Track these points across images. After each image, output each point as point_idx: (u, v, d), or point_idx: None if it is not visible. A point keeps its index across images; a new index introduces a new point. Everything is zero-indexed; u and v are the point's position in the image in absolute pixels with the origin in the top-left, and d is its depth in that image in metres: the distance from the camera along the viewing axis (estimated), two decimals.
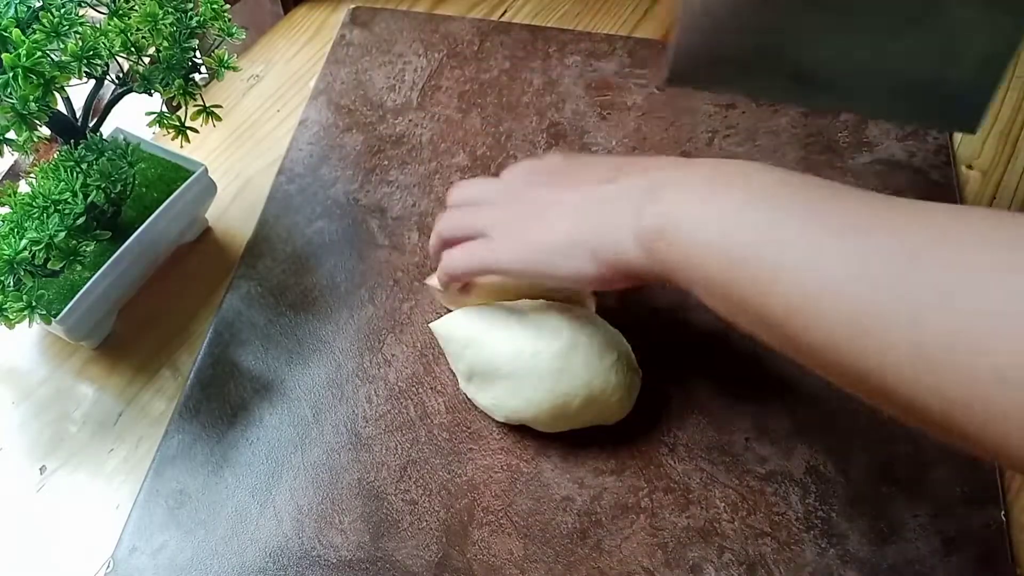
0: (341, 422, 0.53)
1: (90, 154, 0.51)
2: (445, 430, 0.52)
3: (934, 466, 0.50)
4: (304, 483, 0.51)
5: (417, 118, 0.67)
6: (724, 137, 0.65)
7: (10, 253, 0.44)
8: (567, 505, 0.50)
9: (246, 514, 0.50)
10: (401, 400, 0.54)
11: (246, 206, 0.64)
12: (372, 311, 0.57)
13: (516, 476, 0.51)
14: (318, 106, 0.69)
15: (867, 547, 0.48)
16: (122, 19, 0.48)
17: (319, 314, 0.57)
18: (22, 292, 0.46)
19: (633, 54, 0.71)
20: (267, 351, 0.56)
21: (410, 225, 0.62)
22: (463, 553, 0.48)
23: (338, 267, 0.60)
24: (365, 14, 0.75)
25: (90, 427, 0.54)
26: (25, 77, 0.43)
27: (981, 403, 0.29)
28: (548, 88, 0.69)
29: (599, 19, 0.76)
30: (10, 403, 0.55)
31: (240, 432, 0.53)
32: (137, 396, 0.56)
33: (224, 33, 0.51)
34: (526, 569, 0.48)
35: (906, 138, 0.65)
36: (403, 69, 0.71)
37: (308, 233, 0.61)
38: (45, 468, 0.53)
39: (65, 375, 0.57)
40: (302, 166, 0.65)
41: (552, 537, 0.49)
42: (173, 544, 0.49)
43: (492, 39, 0.73)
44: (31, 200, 0.47)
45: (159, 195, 0.57)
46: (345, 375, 0.55)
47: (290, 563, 0.48)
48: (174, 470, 0.51)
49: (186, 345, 0.57)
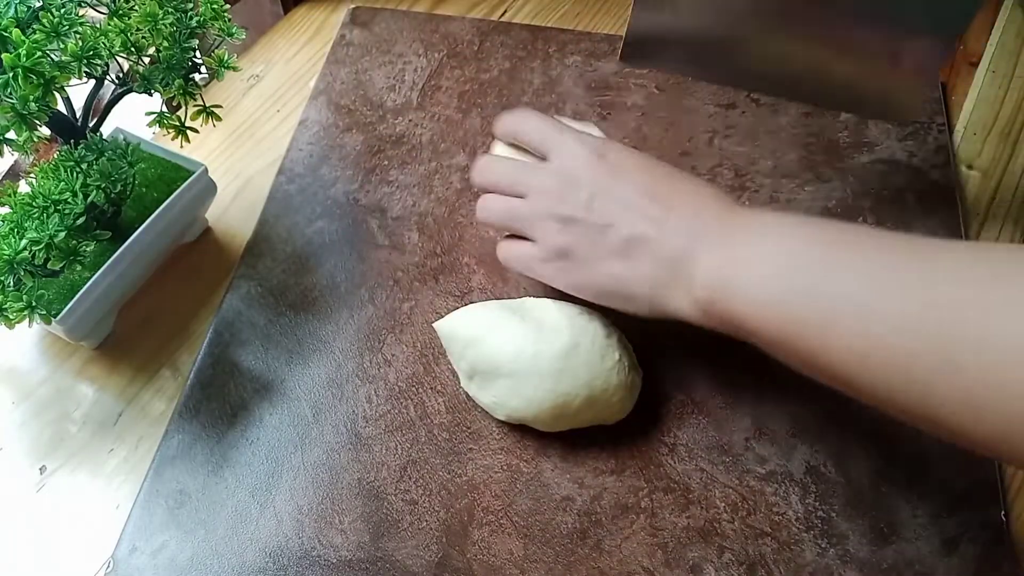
0: (341, 422, 0.53)
1: (90, 154, 0.51)
2: (445, 430, 0.52)
3: (934, 466, 0.50)
4: (304, 483, 0.51)
5: (417, 118, 0.67)
6: (724, 137, 0.65)
7: (10, 253, 0.44)
8: (567, 505, 0.50)
9: (246, 514, 0.50)
10: (401, 400, 0.54)
11: (246, 206, 0.64)
12: (372, 311, 0.57)
13: (516, 476, 0.51)
14: (318, 106, 0.69)
15: (867, 547, 0.48)
16: (122, 19, 0.48)
17: (319, 314, 0.57)
18: (22, 292, 0.46)
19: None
20: (267, 351, 0.56)
21: (410, 225, 0.62)
22: (463, 553, 0.48)
23: (338, 267, 0.60)
24: (365, 14, 0.75)
25: (90, 427, 0.54)
26: (25, 77, 0.43)
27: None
28: (548, 88, 0.69)
29: (599, 19, 0.76)
30: (10, 403, 0.55)
31: (240, 432, 0.53)
32: (137, 396, 0.56)
33: (224, 33, 0.51)
34: (526, 569, 0.48)
35: (906, 138, 0.65)
36: (403, 69, 0.71)
37: (308, 233, 0.61)
38: (45, 468, 0.53)
39: (65, 375, 0.57)
40: (302, 166, 0.65)
41: (552, 537, 0.49)
42: (173, 544, 0.49)
43: (492, 39, 0.73)
44: (31, 200, 0.47)
45: (159, 195, 0.57)
46: (345, 375, 0.55)
47: (290, 563, 0.48)
48: (174, 470, 0.51)
49: (186, 345, 0.57)
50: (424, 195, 0.63)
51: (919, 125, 0.66)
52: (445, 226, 0.62)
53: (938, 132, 0.66)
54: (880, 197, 0.62)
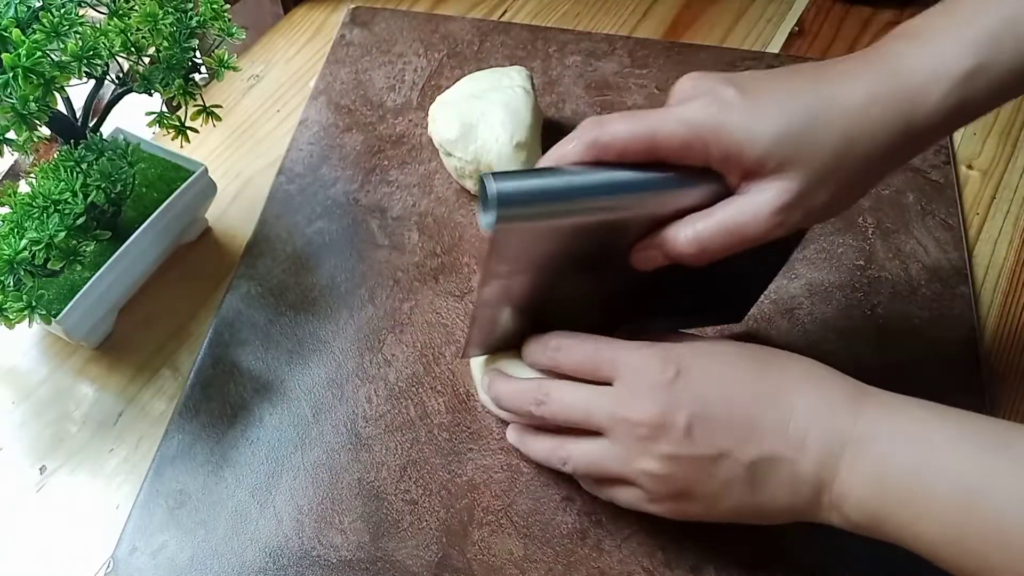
0: (341, 422, 0.53)
1: (90, 154, 0.51)
2: (445, 430, 0.52)
3: None
4: (304, 483, 0.51)
5: (417, 118, 0.67)
6: None
7: (10, 253, 0.44)
8: (567, 505, 0.50)
9: (246, 514, 0.50)
10: (401, 400, 0.54)
11: (246, 206, 0.64)
12: (372, 311, 0.57)
13: (516, 476, 0.51)
14: (318, 106, 0.69)
15: (867, 547, 0.48)
16: (122, 19, 0.48)
17: (319, 314, 0.57)
18: (22, 292, 0.46)
19: (633, 54, 0.71)
20: (267, 351, 0.56)
21: (410, 225, 0.62)
22: (463, 553, 0.48)
23: (338, 267, 0.60)
24: (365, 14, 0.75)
25: (90, 427, 0.54)
26: (25, 77, 0.43)
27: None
28: (548, 88, 0.69)
29: (599, 19, 0.76)
30: (10, 403, 0.55)
31: (240, 432, 0.53)
32: (137, 396, 0.56)
33: (224, 33, 0.51)
34: (526, 569, 0.48)
35: None
36: (403, 69, 0.71)
37: (308, 233, 0.61)
38: (45, 468, 0.53)
39: (65, 375, 0.57)
40: (302, 166, 0.65)
41: (552, 537, 0.49)
42: (173, 544, 0.49)
43: (492, 39, 0.73)
44: (31, 200, 0.47)
45: (159, 195, 0.57)
46: (345, 375, 0.55)
47: (290, 563, 0.48)
48: (174, 470, 0.51)
49: (186, 345, 0.57)
50: (424, 195, 0.63)
51: None
52: (445, 226, 0.62)
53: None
54: (880, 197, 0.62)
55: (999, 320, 0.58)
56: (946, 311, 0.57)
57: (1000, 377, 0.56)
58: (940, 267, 0.59)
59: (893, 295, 0.58)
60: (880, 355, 0.55)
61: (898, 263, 0.59)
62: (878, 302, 0.57)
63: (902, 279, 0.58)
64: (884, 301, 0.57)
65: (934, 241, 0.60)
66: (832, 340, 0.56)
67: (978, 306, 0.58)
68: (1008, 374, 0.56)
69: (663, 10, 0.77)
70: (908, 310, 0.57)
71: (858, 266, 0.59)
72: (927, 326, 0.56)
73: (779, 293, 0.58)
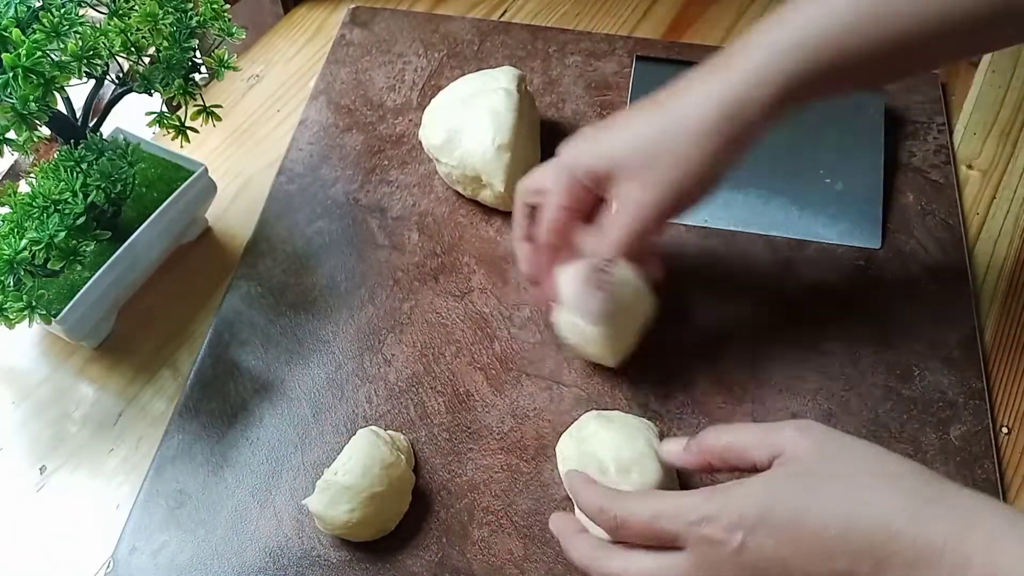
0: (341, 422, 0.53)
1: (90, 154, 0.51)
2: (445, 430, 0.52)
3: (933, 465, 0.50)
4: (304, 483, 0.51)
5: (417, 118, 0.67)
6: None
7: (10, 253, 0.44)
8: (567, 505, 0.50)
9: (246, 514, 0.50)
10: (401, 400, 0.54)
11: (246, 206, 0.64)
12: (372, 311, 0.57)
13: (516, 476, 0.51)
14: (318, 106, 0.69)
15: None
16: (122, 19, 0.48)
17: (319, 314, 0.57)
18: (22, 292, 0.46)
19: (633, 54, 0.71)
20: (267, 351, 0.56)
21: (410, 225, 0.62)
22: (463, 553, 0.48)
23: (338, 267, 0.60)
24: (365, 14, 0.75)
25: (90, 427, 0.54)
26: (25, 77, 0.43)
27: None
28: (548, 88, 0.69)
29: (599, 19, 0.76)
30: (10, 403, 0.55)
31: (240, 432, 0.53)
32: (137, 396, 0.56)
33: (224, 33, 0.51)
34: (526, 569, 0.48)
35: (906, 138, 0.65)
36: (403, 69, 0.71)
37: (308, 233, 0.61)
38: (45, 468, 0.53)
39: (65, 375, 0.57)
40: (302, 166, 0.65)
41: (552, 537, 0.48)
42: (173, 544, 0.49)
43: (492, 39, 0.73)
44: (31, 200, 0.47)
45: (159, 195, 0.57)
46: (345, 375, 0.55)
47: (290, 563, 0.48)
48: (174, 470, 0.51)
49: (186, 345, 0.57)
50: (424, 195, 0.63)
51: (919, 125, 0.66)
52: (445, 226, 0.62)
53: (938, 132, 0.66)
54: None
55: (999, 320, 0.58)
56: (946, 311, 0.57)
57: (1000, 377, 0.56)
58: (940, 267, 0.59)
59: (893, 295, 0.58)
60: (880, 355, 0.55)
61: (898, 263, 0.59)
62: (878, 302, 0.57)
63: (902, 279, 0.58)
64: (884, 301, 0.57)
65: (934, 241, 0.60)
66: (832, 340, 0.56)
67: (978, 306, 0.58)
68: (1008, 374, 0.56)
69: (663, 10, 0.77)
70: (908, 310, 0.57)
71: (858, 266, 0.59)
72: (927, 326, 0.56)
73: (779, 293, 0.58)
